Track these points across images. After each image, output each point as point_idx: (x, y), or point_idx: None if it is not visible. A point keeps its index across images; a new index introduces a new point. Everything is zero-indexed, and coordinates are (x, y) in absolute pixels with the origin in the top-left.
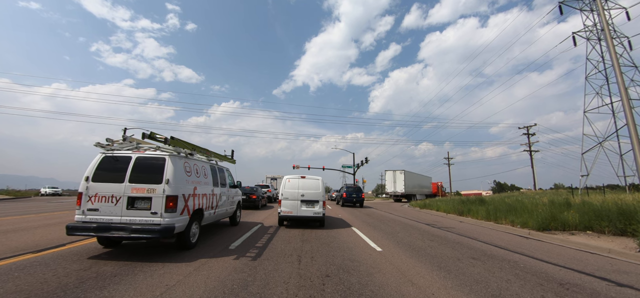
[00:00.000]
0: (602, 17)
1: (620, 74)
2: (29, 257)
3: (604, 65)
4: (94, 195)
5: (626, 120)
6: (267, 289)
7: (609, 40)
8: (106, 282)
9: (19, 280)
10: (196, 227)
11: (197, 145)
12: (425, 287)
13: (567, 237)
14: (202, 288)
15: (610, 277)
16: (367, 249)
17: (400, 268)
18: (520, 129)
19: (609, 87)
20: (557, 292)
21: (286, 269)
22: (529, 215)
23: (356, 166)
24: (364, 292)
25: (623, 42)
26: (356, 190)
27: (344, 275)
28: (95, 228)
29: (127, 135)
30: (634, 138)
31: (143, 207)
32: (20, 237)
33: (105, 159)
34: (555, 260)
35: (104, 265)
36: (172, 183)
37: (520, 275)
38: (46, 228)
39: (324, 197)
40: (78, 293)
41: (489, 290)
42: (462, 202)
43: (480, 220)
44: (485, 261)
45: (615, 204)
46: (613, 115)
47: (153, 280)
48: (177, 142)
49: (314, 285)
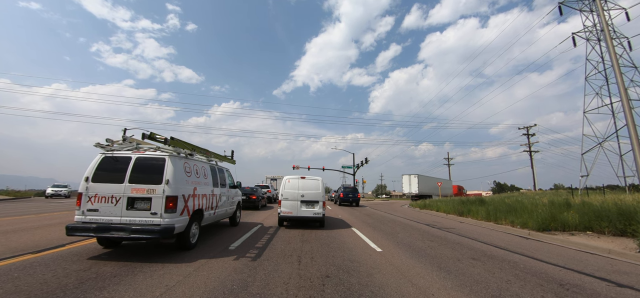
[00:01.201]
0: (602, 18)
1: (620, 74)
2: (28, 257)
3: (604, 65)
4: (94, 195)
5: (626, 121)
6: (267, 290)
7: (609, 40)
8: (106, 283)
9: (18, 281)
10: (196, 227)
11: (197, 146)
12: (425, 287)
13: (567, 237)
14: (202, 289)
15: (611, 278)
16: (367, 250)
17: (400, 269)
18: (520, 129)
19: (608, 87)
20: (557, 292)
21: (286, 270)
22: (528, 216)
23: (356, 166)
24: (364, 293)
25: (623, 42)
26: (352, 190)
27: (344, 275)
28: (95, 229)
29: (127, 136)
30: (634, 138)
31: (143, 207)
32: (20, 237)
33: (105, 160)
34: (555, 260)
35: (104, 266)
36: (172, 184)
37: (520, 275)
38: (46, 229)
39: (323, 198)
40: (78, 294)
41: (489, 291)
42: (462, 202)
43: (480, 221)
44: (485, 261)
45: (615, 205)
46: (613, 116)
47: (153, 281)
48: (177, 142)
49: (314, 285)
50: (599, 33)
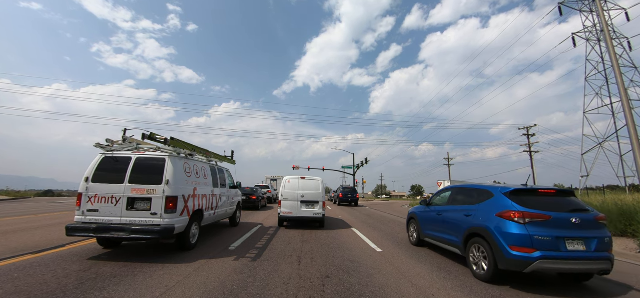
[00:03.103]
0: (602, 18)
1: (619, 74)
2: (28, 257)
3: (604, 66)
4: (94, 196)
5: (626, 121)
6: (267, 290)
7: (609, 41)
8: (106, 283)
9: (18, 281)
10: (196, 227)
11: (197, 146)
12: (426, 288)
13: None
14: (201, 289)
15: (611, 278)
16: (367, 250)
17: (401, 269)
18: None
19: (608, 87)
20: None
21: (286, 270)
22: None
23: (356, 167)
24: (364, 293)
25: (623, 43)
26: (351, 190)
27: (344, 276)
28: (95, 229)
29: (127, 136)
30: (634, 139)
31: (143, 207)
32: (20, 237)
33: (105, 160)
34: None
35: (104, 266)
36: (172, 184)
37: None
38: (46, 229)
39: (323, 198)
40: (78, 294)
41: (490, 291)
42: None
43: None
44: None
45: (616, 205)
46: (613, 116)
47: (153, 281)
48: (177, 142)
49: (314, 286)
50: (598, 33)
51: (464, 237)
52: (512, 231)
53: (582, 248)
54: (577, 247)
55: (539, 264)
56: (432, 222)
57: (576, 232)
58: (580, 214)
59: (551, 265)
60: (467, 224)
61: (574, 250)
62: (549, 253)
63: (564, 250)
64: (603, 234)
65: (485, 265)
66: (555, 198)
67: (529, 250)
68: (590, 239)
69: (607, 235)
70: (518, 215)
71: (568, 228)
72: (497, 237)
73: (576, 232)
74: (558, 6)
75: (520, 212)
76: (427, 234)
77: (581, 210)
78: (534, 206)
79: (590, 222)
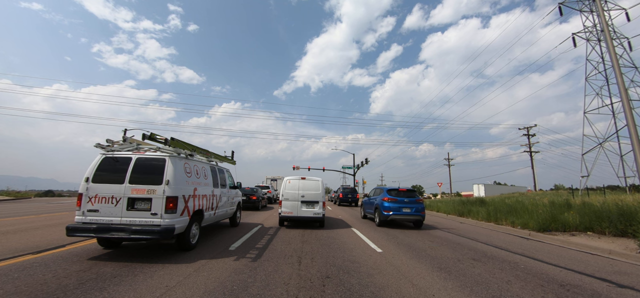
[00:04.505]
0: (602, 18)
1: (620, 74)
2: (28, 257)
3: (604, 66)
4: (94, 196)
5: (626, 121)
6: (267, 290)
7: (609, 41)
8: (106, 283)
9: (18, 281)
10: (196, 228)
11: (198, 146)
12: (426, 288)
13: (568, 238)
14: (202, 290)
15: (611, 278)
16: (367, 250)
17: (401, 270)
18: (521, 129)
19: (609, 88)
20: (558, 293)
21: (286, 270)
22: (529, 216)
23: (356, 167)
24: (365, 294)
25: (623, 43)
26: (351, 191)
27: (344, 276)
28: (95, 229)
29: (127, 136)
30: (634, 139)
31: (143, 208)
32: (20, 237)
33: (106, 160)
34: (555, 261)
35: (104, 266)
36: (172, 184)
37: (520, 276)
38: (46, 229)
39: (324, 198)
40: (78, 294)
41: (490, 291)
42: (463, 203)
43: (480, 221)
44: (486, 262)
45: (616, 205)
46: (613, 116)
47: (153, 281)
48: (177, 143)
49: (314, 286)
50: (599, 33)
51: (373, 208)
52: (385, 205)
53: (408, 210)
54: (406, 210)
55: (392, 216)
56: (367, 205)
57: (407, 205)
58: (410, 197)
59: (397, 217)
60: (375, 203)
61: (406, 212)
62: (396, 213)
63: (401, 212)
64: (419, 206)
65: (377, 219)
66: (404, 192)
67: (389, 211)
68: (412, 207)
69: (421, 206)
70: (387, 199)
71: (404, 203)
72: (381, 207)
73: (407, 205)
74: (558, 6)
75: (388, 198)
76: (366, 212)
77: (412, 196)
78: (394, 195)
79: (413, 201)
